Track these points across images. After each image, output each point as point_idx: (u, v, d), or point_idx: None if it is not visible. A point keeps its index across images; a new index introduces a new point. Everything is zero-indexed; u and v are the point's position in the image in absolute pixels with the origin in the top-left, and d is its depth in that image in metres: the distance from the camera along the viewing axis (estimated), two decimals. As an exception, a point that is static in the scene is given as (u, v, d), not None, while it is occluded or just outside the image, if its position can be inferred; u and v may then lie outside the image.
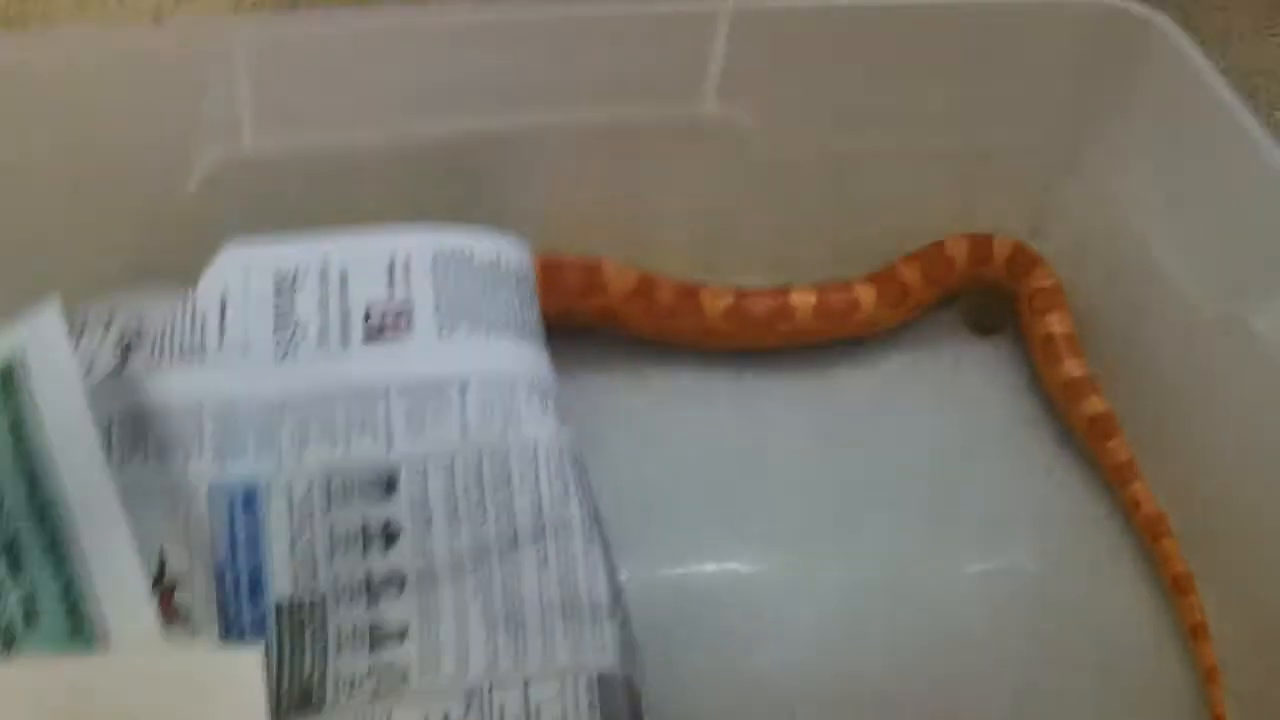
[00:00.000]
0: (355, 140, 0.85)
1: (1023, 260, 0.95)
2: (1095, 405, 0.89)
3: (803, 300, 0.91)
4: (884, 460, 0.89)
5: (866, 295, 0.92)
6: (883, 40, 0.88)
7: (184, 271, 0.74)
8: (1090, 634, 0.82)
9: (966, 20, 0.89)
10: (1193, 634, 0.81)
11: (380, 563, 0.68)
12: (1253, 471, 0.82)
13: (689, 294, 0.89)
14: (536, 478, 0.70)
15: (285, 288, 0.75)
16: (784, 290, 0.91)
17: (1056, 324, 0.92)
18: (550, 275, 0.86)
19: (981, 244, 0.95)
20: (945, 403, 0.93)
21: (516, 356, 0.75)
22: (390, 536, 0.68)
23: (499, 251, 0.79)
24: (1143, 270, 0.89)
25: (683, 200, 0.93)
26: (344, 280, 0.75)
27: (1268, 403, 0.80)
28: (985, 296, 0.97)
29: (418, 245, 0.77)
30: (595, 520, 0.72)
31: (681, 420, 0.89)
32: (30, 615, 0.63)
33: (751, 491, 0.86)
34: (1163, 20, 0.87)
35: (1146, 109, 0.90)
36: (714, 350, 0.92)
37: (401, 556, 0.68)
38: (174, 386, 0.70)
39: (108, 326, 0.75)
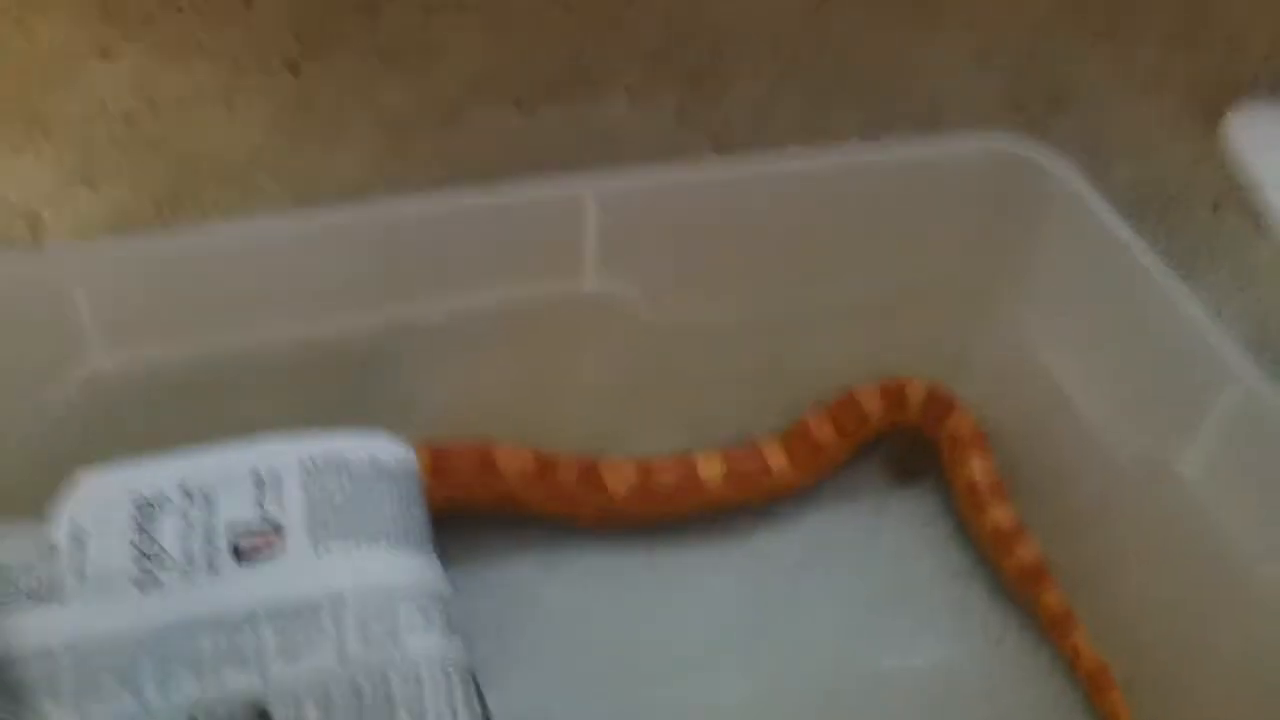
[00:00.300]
0: (225, 349, 0.82)
1: (938, 404, 0.92)
2: (1025, 554, 0.85)
3: (710, 470, 0.88)
4: (813, 624, 0.86)
5: (777, 458, 0.89)
6: (769, 203, 0.87)
7: (36, 504, 0.71)
8: None
9: (854, 177, 0.88)
10: None
11: None
12: (1192, 618, 0.79)
13: (590, 472, 0.86)
14: (421, 700, 0.67)
15: (146, 515, 0.71)
16: (690, 460, 0.88)
17: (978, 470, 0.89)
18: (441, 465, 0.84)
19: (894, 391, 0.92)
20: (872, 558, 0.90)
21: (397, 566, 0.72)
22: None
23: (374, 452, 0.76)
24: (1061, 413, 0.87)
25: (578, 376, 0.90)
26: (209, 502, 0.72)
27: (1197, 549, 0.77)
28: (905, 442, 0.95)
29: (285, 456, 0.74)
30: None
31: (593, 606, 0.86)
32: None
33: (675, 676, 0.82)
34: (1049, 156, 0.86)
35: (1051, 250, 0.88)
36: (621, 527, 0.89)
37: None
38: (28, 628, 0.67)
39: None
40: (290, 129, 1.16)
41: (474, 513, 0.86)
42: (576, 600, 0.86)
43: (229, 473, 0.74)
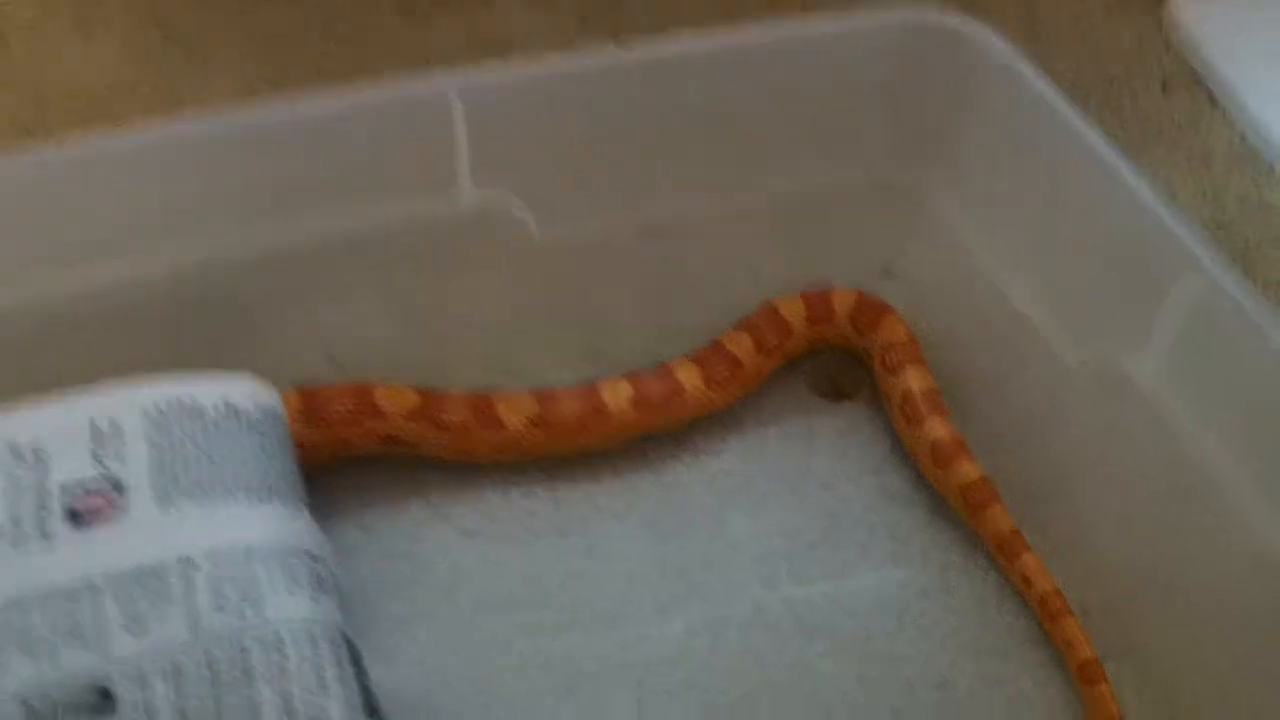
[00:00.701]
0: (64, 289, 0.75)
1: (868, 313, 0.85)
2: (967, 471, 0.79)
3: (616, 394, 0.80)
4: (739, 560, 0.79)
5: (690, 377, 0.81)
6: (668, 96, 0.80)
7: None
8: None
9: (765, 60, 0.81)
10: None
11: None
12: (1150, 534, 0.75)
13: (483, 406, 0.79)
14: (284, 671, 0.60)
15: (-35, 475, 0.64)
16: (593, 387, 0.81)
17: (914, 380, 0.82)
18: (313, 408, 0.77)
19: (819, 300, 0.86)
20: (801, 484, 0.83)
21: (258, 523, 0.65)
22: None
23: (231, 397, 0.68)
24: (1002, 316, 0.81)
25: (469, 303, 0.84)
26: (40, 460, 0.65)
27: (1155, 458, 0.72)
28: (833, 357, 0.88)
29: (127, 404, 0.67)
30: (368, 711, 0.62)
31: (493, 554, 0.78)
32: None
33: (588, 627, 0.76)
34: (979, 29, 0.79)
35: (987, 135, 0.82)
36: (522, 462, 0.81)
37: None
38: None
39: None
40: (152, 52, 1.06)
41: (356, 459, 0.80)
42: (474, 549, 0.78)
43: (64, 426, 0.66)
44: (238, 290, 0.79)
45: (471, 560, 0.78)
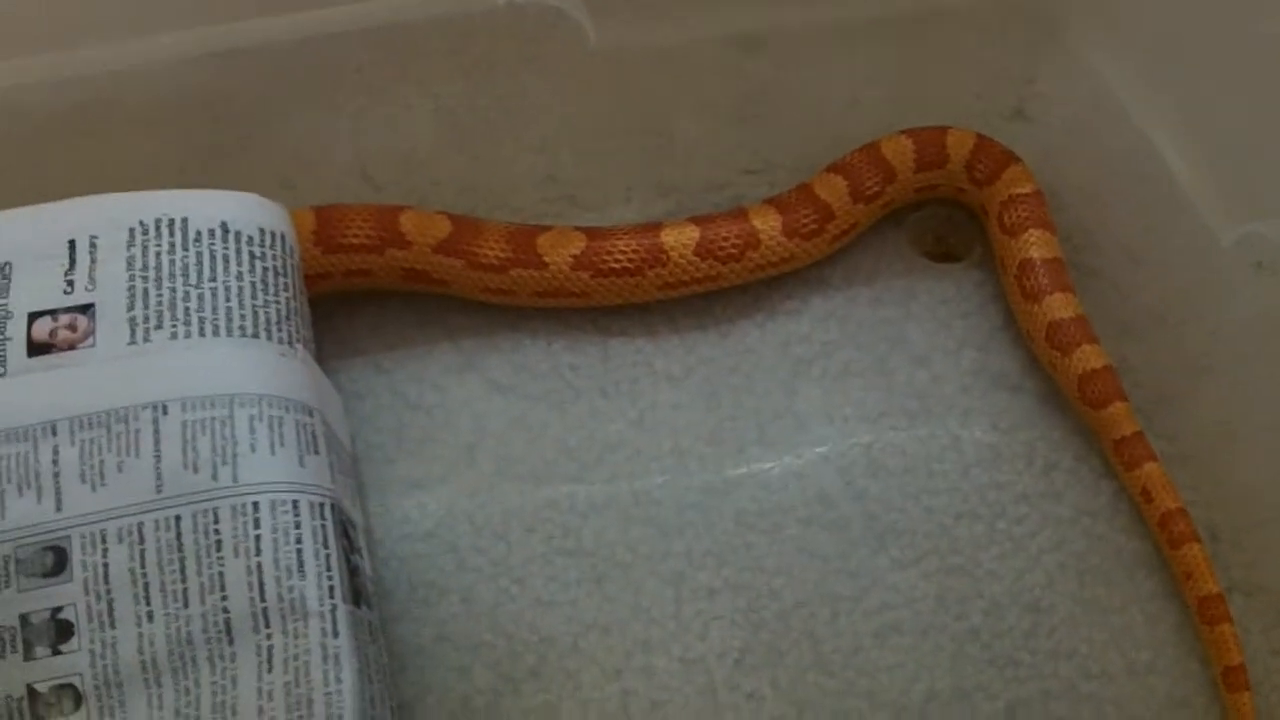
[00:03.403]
0: (58, 73, 0.72)
1: (988, 160, 0.78)
2: (1089, 357, 0.73)
3: (679, 238, 0.74)
4: (806, 439, 0.74)
5: (768, 224, 0.75)
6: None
7: None
8: (1101, 684, 0.68)
9: None
10: (1226, 680, 0.67)
11: (47, 668, 0.55)
12: None
13: (523, 241, 0.73)
14: (257, 542, 0.57)
15: (-82, 291, 0.61)
16: (653, 227, 0.75)
17: (1036, 246, 0.76)
18: (329, 232, 0.72)
19: (930, 141, 0.79)
20: (892, 358, 0.77)
21: (243, 365, 0.61)
22: (61, 631, 0.56)
23: (227, 216, 0.63)
24: (1146, 176, 0.75)
25: (519, 118, 0.79)
26: (4, 275, 0.61)
27: None
28: (944, 211, 0.82)
29: (109, 220, 0.63)
30: (350, 598, 0.59)
31: (523, 416, 0.74)
32: None
33: (621, 515, 0.71)
34: None
35: None
36: (567, 309, 0.76)
37: (75, 659, 0.55)
38: None
39: None
40: None
41: (378, 292, 0.76)
42: (504, 407, 0.74)
43: (34, 239, 0.62)
44: (261, 86, 0.75)
45: (500, 419, 0.74)
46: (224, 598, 0.56)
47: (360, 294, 0.75)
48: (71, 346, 0.59)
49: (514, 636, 0.67)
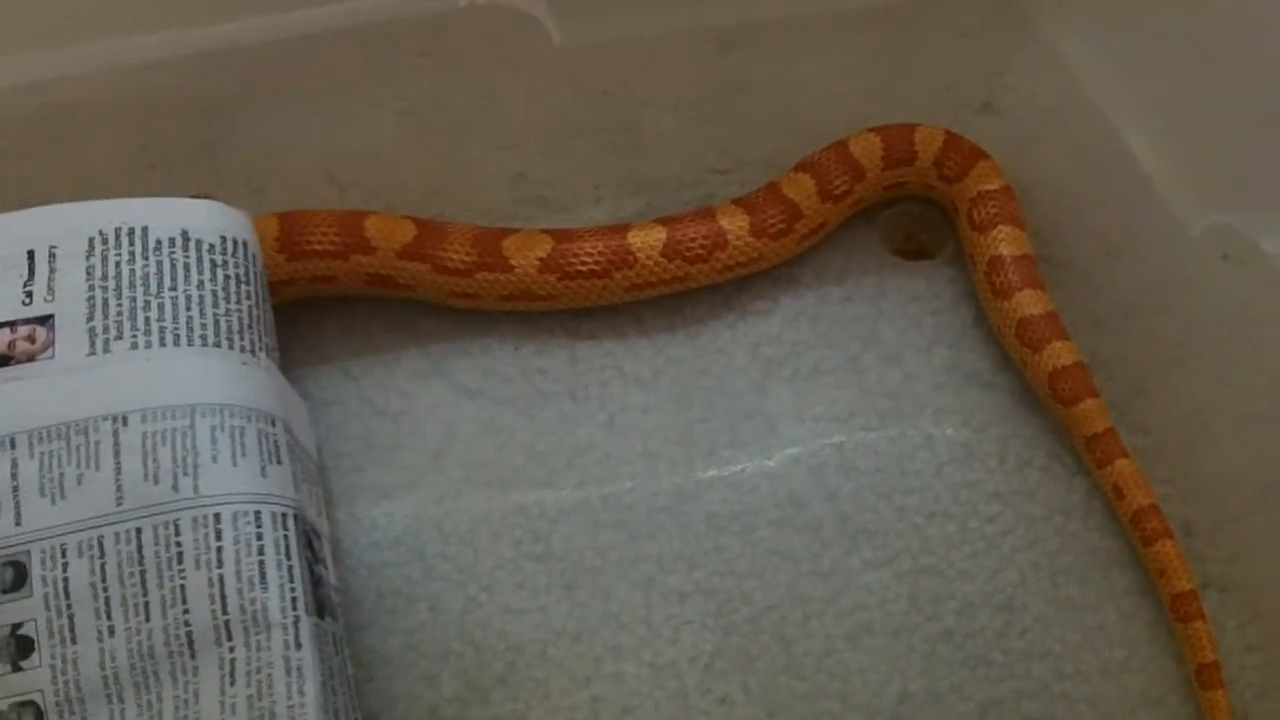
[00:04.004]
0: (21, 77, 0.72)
1: (957, 156, 0.78)
2: (1060, 354, 0.73)
3: (646, 239, 0.74)
4: (775, 439, 0.74)
5: (735, 224, 0.75)
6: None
7: None
8: (1075, 684, 0.68)
9: None
10: (1200, 677, 0.67)
11: (7, 685, 0.55)
12: (1273, 443, 0.69)
13: (489, 244, 0.73)
14: (218, 554, 0.57)
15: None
16: (620, 228, 0.75)
17: (1006, 243, 0.76)
18: (293, 237, 0.72)
19: (899, 138, 0.78)
20: (862, 356, 0.77)
21: (204, 375, 0.60)
22: (21, 647, 0.56)
23: (189, 225, 0.63)
24: (1114, 169, 0.75)
25: (486, 119, 0.79)
26: None
27: None
28: (914, 209, 0.82)
29: (68, 230, 0.63)
30: (314, 609, 0.59)
31: (492, 420, 0.74)
32: None
33: (591, 520, 0.71)
34: None
35: None
36: (535, 313, 0.76)
37: (36, 675, 0.55)
38: None
39: None
40: None
41: (342, 298, 0.75)
42: (473, 412, 0.74)
43: (-6, 251, 0.62)
44: (227, 89, 0.75)
45: (468, 425, 0.73)
46: (186, 610, 0.56)
47: (328, 300, 0.75)
48: (30, 358, 0.59)
49: (482, 644, 0.67)
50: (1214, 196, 0.69)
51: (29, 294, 0.60)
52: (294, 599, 0.57)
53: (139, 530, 0.56)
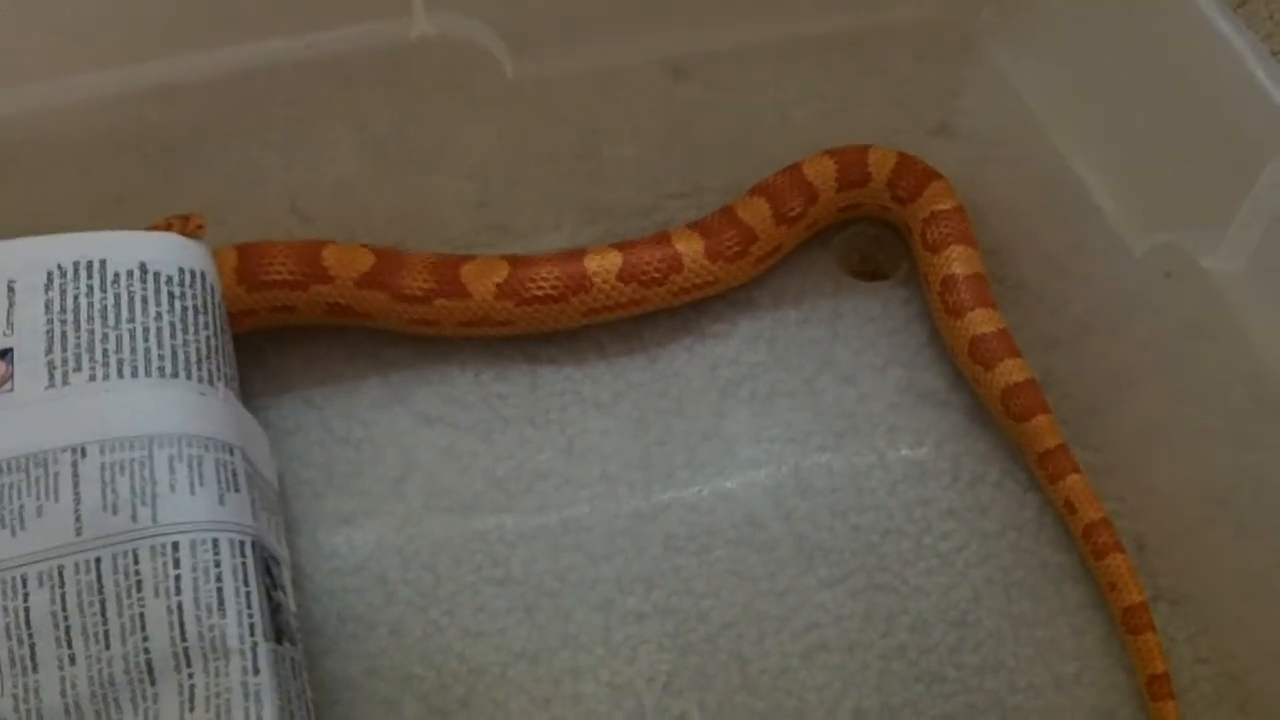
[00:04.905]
0: None
1: (911, 178, 0.80)
2: (1012, 372, 0.75)
3: (602, 264, 0.76)
4: (735, 460, 0.75)
5: (691, 248, 0.76)
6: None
7: None
8: (1028, 698, 0.69)
9: None
10: (1150, 689, 0.68)
11: None
12: (1220, 456, 0.70)
13: (447, 271, 0.75)
14: (177, 581, 0.58)
15: None
16: (576, 253, 0.76)
17: (959, 262, 0.77)
18: (252, 268, 0.74)
19: (853, 160, 0.80)
20: (818, 377, 0.78)
21: (162, 405, 0.62)
22: None
23: (147, 258, 0.64)
24: (1062, 191, 0.76)
25: (446, 149, 0.81)
26: None
27: (1230, 366, 0.68)
28: (869, 230, 0.83)
29: (26, 262, 0.64)
30: (272, 635, 0.60)
31: (452, 447, 0.75)
32: None
33: (550, 544, 0.72)
34: None
35: None
36: (494, 339, 0.78)
37: None
38: None
39: None
40: None
41: (305, 327, 0.77)
42: (433, 439, 0.75)
43: (-50, 285, 0.63)
44: (189, 122, 0.76)
45: (429, 451, 0.75)
46: (145, 638, 0.57)
47: (289, 329, 0.76)
48: (-11, 390, 0.61)
49: (443, 668, 0.68)
50: (1155, 216, 0.71)
51: (-12, 327, 0.62)
52: (252, 625, 0.58)
53: (98, 560, 0.57)
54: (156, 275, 0.64)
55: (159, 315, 0.63)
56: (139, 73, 0.73)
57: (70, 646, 0.57)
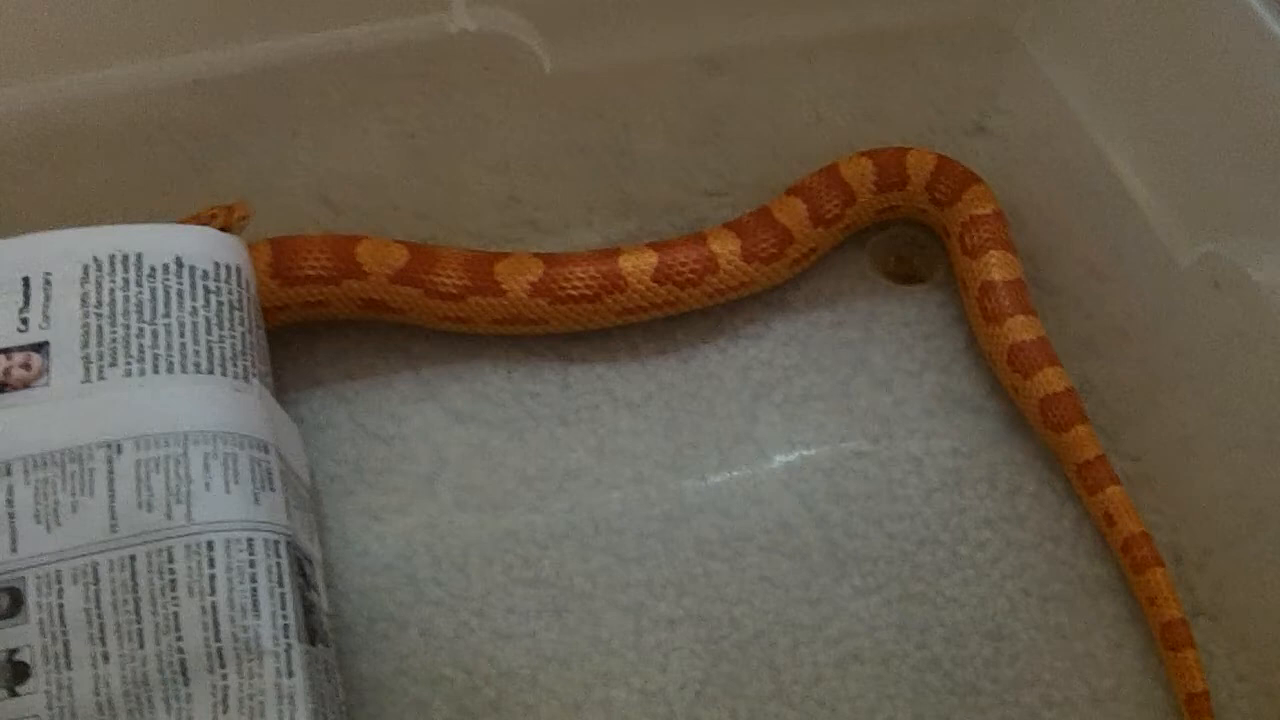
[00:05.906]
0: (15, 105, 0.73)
1: (949, 181, 0.80)
2: (1051, 380, 0.75)
3: (636, 264, 0.76)
4: (764, 473, 0.75)
5: (726, 249, 0.77)
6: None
7: None
8: (1063, 712, 0.69)
9: None
10: (1189, 707, 0.68)
11: (3, 710, 0.57)
12: (1263, 469, 0.70)
13: (481, 268, 0.75)
14: (211, 581, 0.58)
15: None
16: (611, 253, 0.77)
17: (998, 268, 0.78)
18: (286, 263, 0.74)
19: (891, 162, 0.80)
20: (853, 381, 0.79)
21: (197, 401, 0.62)
22: (17, 673, 0.57)
23: (182, 251, 0.65)
24: (1105, 196, 0.76)
25: (484, 144, 0.81)
26: None
27: (1277, 376, 0.67)
28: (906, 233, 0.84)
29: (63, 255, 0.64)
30: (305, 637, 0.60)
31: (483, 444, 0.76)
32: None
33: (581, 545, 0.73)
34: None
35: None
36: (527, 336, 0.78)
37: (32, 701, 0.57)
38: None
39: None
40: None
41: (335, 322, 0.77)
42: (464, 436, 0.76)
43: (-11, 277, 0.63)
44: (221, 114, 0.76)
45: (459, 449, 0.75)
46: (179, 638, 0.57)
47: (321, 324, 0.77)
48: (26, 385, 0.60)
49: (473, 670, 0.68)
50: (1202, 224, 0.71)
51: (25, 321, 0.62)
52: (286, 626, 0.58)
53: (133, 557, 0.58)
54: (192, 269, 0.64)
55: (194, 310, 0.64)
56: (172, 65, 0.74)
57: (104, 644, 0.57)
